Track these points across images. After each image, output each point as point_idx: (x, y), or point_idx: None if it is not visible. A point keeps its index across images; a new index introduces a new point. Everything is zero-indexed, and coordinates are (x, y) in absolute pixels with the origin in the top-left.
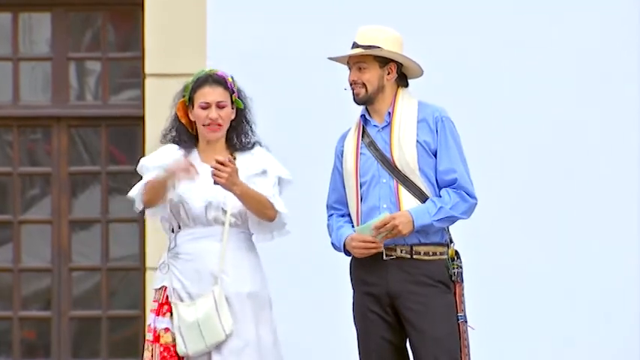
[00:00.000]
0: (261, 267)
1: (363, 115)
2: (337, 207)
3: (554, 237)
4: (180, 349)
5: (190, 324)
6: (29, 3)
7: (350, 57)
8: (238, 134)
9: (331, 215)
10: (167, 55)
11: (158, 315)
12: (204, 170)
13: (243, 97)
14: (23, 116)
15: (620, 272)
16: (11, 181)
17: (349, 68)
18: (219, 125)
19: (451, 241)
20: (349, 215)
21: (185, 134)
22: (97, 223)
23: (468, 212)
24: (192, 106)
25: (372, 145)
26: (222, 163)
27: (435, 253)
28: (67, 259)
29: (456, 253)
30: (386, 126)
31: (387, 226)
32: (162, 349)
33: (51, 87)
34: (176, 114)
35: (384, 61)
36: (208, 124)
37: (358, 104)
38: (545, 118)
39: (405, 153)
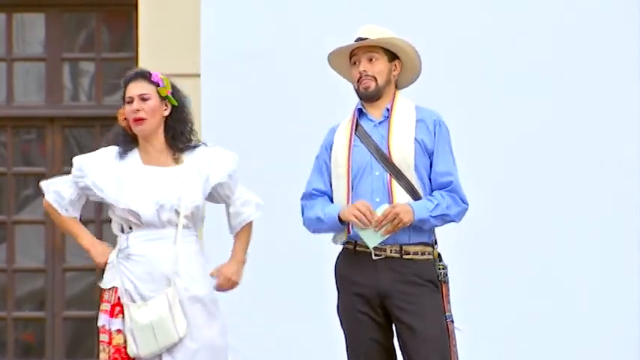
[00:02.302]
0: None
1: (359, 109)
2: (318, 193)
3: (554, 237)
4: (132, 350)
5: (143, 326)
6: (23, 3)
7: (358, 49)
8: (176, 133)
9: (311, 195)
10: (161, 56)
11: (112, 316)
12: (149, 172)
13: (179, 96)
14: (17, 117)
15: (620, 272)
16: (5, 181)
17: (353, 63)
18: (143, 118)
19: (436, 243)
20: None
21: (123, 135)
22: (91, 224)
23: (460, 216)
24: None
25: (366, 138)
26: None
27: (423, 253)
28: (61, 260)
29: (439, 254)
30: (383, 121)
31: (389, 216)
32: (113, 350)
33: (45, 87)
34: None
35: (391, 57)
36: (133, 118)
37: (364, 98)
38: (545, 118)
39: (404, 149)
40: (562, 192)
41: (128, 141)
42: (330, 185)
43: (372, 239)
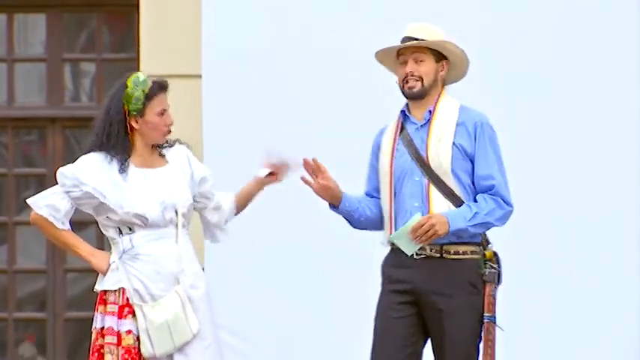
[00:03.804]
0: None
1: (403, 112)
2: (367, 195)
3: (554, 237)
4: (147, 350)
5: (159, 325)
6: (24, 4)
7: (406, 48)
8: None
9: (364, 197)
10: (162, 56)
11: (120, 318)
12: (146, 174)
13: None
14: (18, 117)
15: (620, 272)
16: (6, 182)
17: (402, 62)
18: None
19: (487, 242)
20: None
21: (126, 142)
22: (92, 225)
23: (503, 219)
24: (142, 115)
25: (408, 142)
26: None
27: (465, 252)
28: (62, 261)
29: (495, 254)
30: (425, 124)
31: (424, 226)
32: (123, 351)
33: (46, 88)
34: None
35: (439, 57)
36: (167, 130)
37: (409, 98)
38: (545, 118)
39: (440, 153)
40: (562, 192)
41: (127, 146)
42: (379, 188)
43: (408, 247)
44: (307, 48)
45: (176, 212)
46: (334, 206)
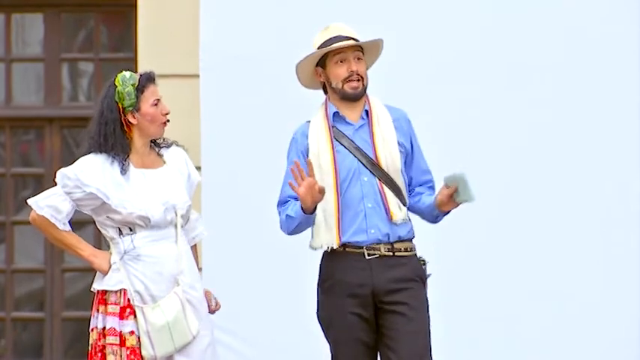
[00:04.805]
0: None
1: (336, 112)
2: (293, 200)
3: (553, 237)
4: (148, 352)
5: (160, 327)
6: (22, 4)
7: (348, 48)
8: None
9: (286, 202)
10: (160, 56)
11: (122, 318)
12: (146, 175)
13: None
14: (16, 117)
15: (620, 272)
16: (4, 182)
17: (336, 62)
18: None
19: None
20: None
21: (124, 140)
22: (90, 224)
23: None
24: (138, 109)
25: (349, 143)
26: None
27: (412, 249)
28: (60, 260)
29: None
30: (363, 125)
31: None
32: (128, 352)
33: (43, 88)
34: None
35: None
36: (164, 121)
37: (350, 99)
38: (545, 119)
39: (392, 153)
40: (561, 192)
41: (125, 144)
42: None
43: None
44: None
45: (175, 213)
46: (308, 212)
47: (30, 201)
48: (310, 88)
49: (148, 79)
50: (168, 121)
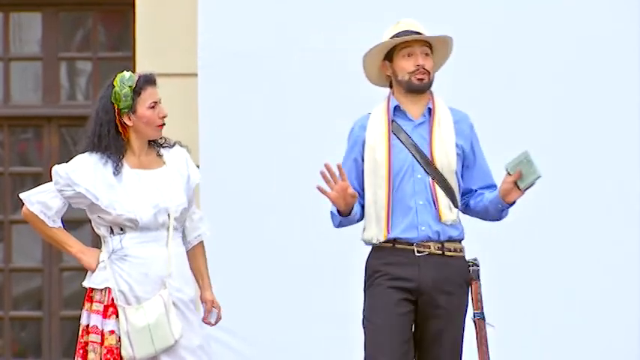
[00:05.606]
0: None
1: (397, 106)
2: None
3: (553, 237)
4: (127, 352)
5: (141, 329)
6: (20, 3)
7: (415, 42)
8: None
9: None
10: (158, 55)
11: (104, 317)
12: (140, 176)
13: None
14: (14, 116)
15: (620, 272)
16: (2, 180)
17: (403, 56)
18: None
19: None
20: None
21: (119, 141)
22: (87, 223)
23: None
24: (134, 111)
25: (406, 139)
26: None
27: (461, 250)
28: (58, 259)
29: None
30: (423, 122)
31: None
32: (105, 351)
33: (42, 87)
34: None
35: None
36: (160, 123)
37: (417, 91)
38: (545, 118)
39: (448, 154)
40: (561, 192)
41: (120, 145)
42: (362, 182)
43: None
44: (303, 47)
45: (168, 216)
46: (343, 214)
47: (22, 195)
48: (376, 84)
49: (147, 81)
50: (164, 124)
